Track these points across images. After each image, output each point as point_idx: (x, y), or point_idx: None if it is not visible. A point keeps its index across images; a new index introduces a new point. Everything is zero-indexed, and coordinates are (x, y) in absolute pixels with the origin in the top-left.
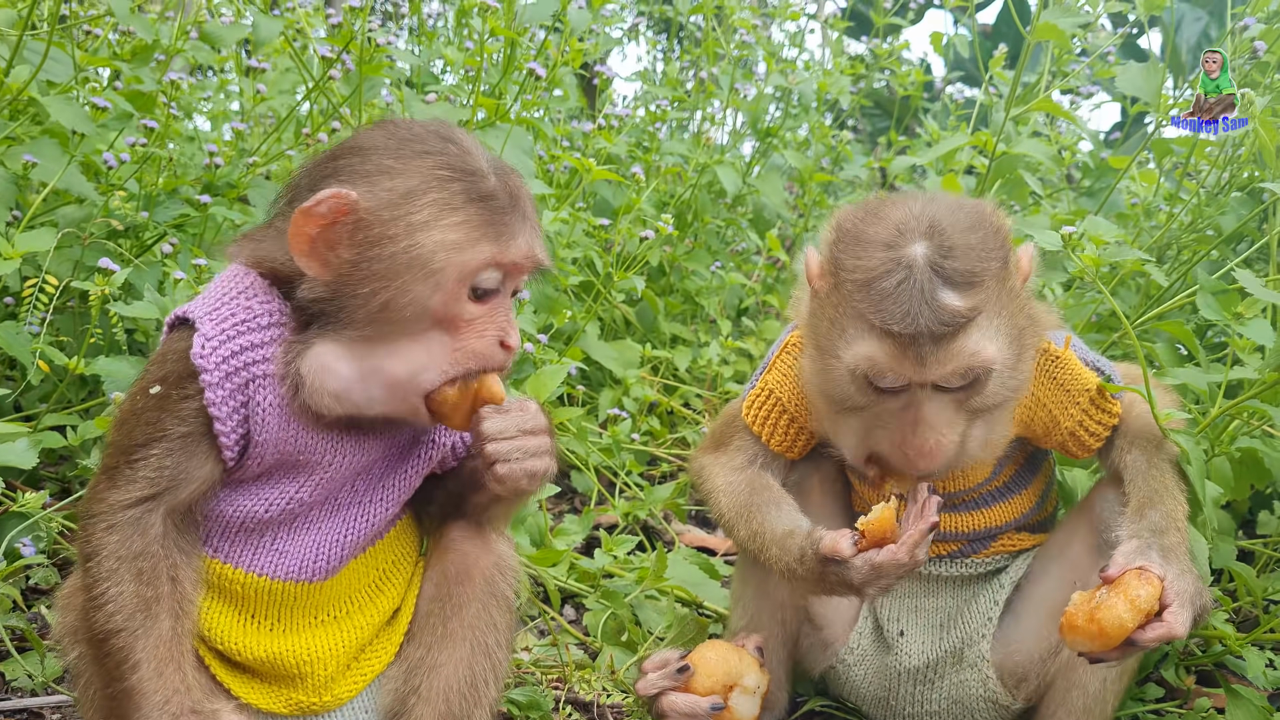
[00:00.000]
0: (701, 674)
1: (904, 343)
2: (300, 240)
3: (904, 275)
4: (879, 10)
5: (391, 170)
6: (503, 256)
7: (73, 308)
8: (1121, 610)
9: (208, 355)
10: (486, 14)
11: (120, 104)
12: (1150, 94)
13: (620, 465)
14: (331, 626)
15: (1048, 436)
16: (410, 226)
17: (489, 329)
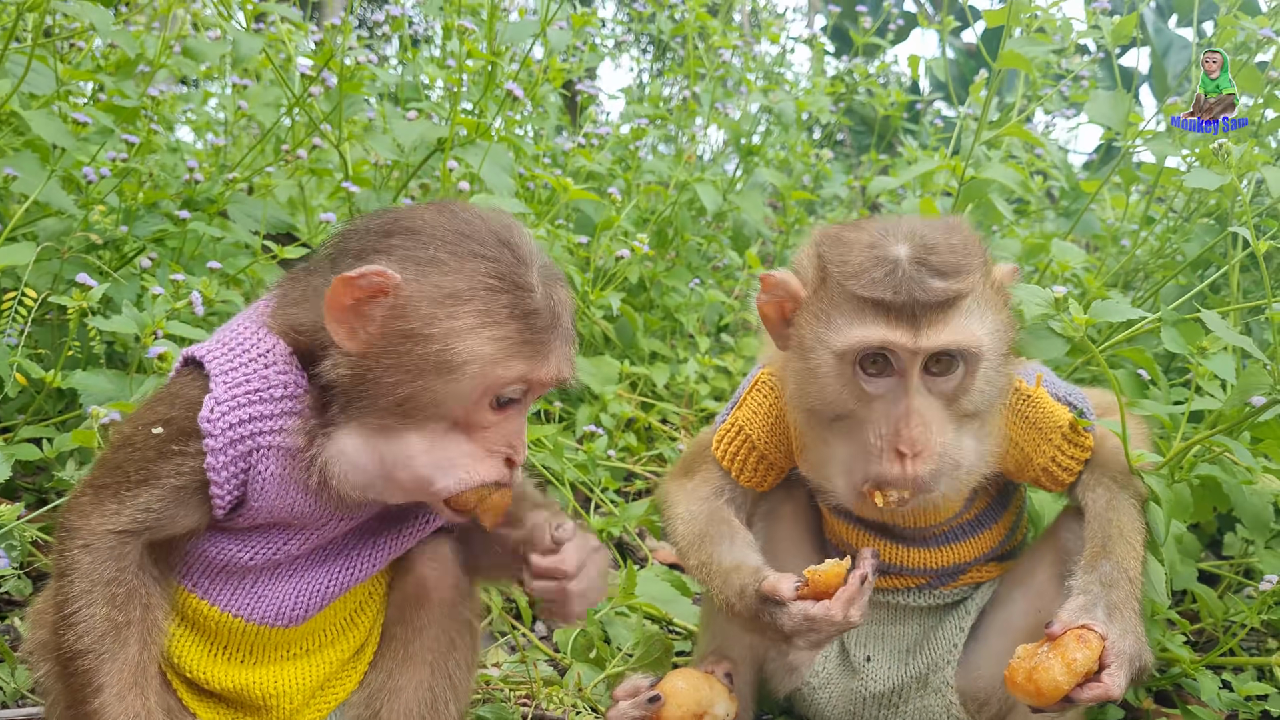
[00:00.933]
0: (672, 704)
1: (896, 312)
2: (336, 307)
3: (891, 266)
4: (860, 30)
5: (443, 265)
6: (533, 375)
7: (51, 320)
8: (1058, 673)
9: (215, 420)
10: (464, 36)
11: (101, 118)
12: (1118, 121)
13: (596, 481)
14: (302, 660)
15: (1020, 473)
16: (449, 331)
17: (499, 442)
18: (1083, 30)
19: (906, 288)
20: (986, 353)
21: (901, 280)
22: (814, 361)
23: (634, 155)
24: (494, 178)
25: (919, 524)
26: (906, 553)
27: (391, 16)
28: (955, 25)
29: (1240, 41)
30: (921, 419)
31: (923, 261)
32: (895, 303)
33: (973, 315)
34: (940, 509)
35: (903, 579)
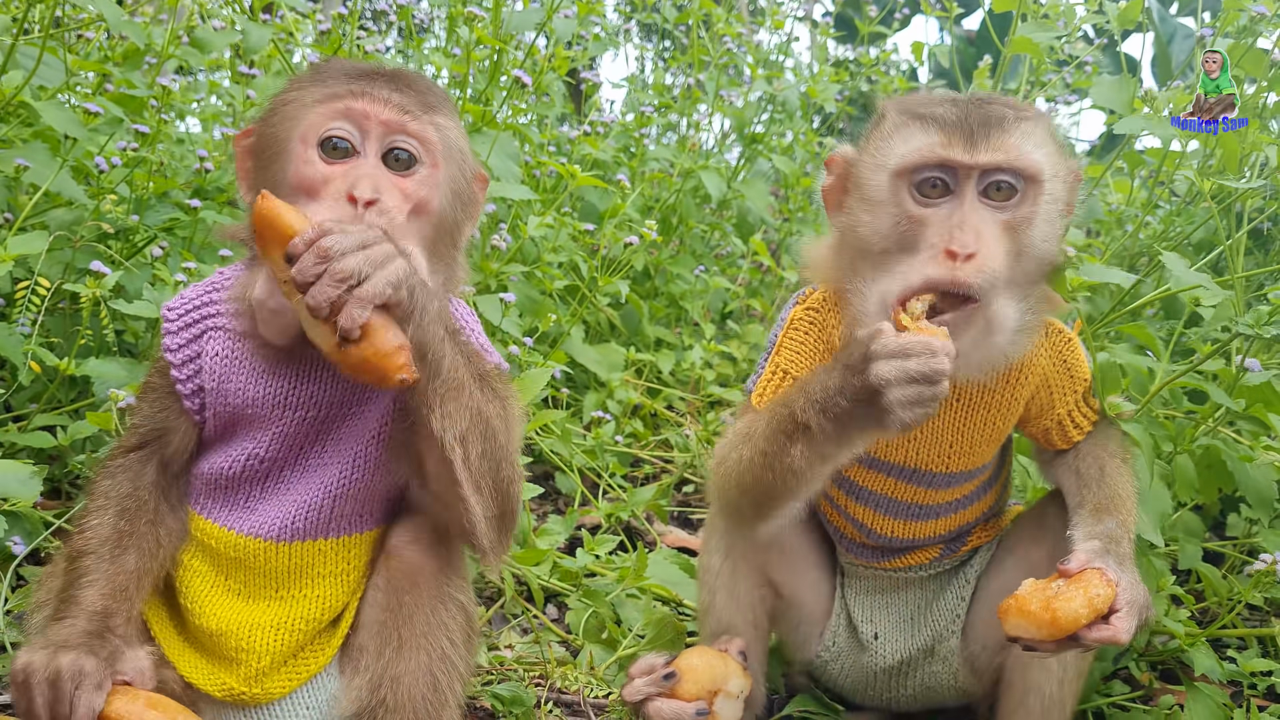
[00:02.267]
0: (687, 680)
1: (954, 127)
2: (239, 176)
3: (952, 95)
4: (864, 18)
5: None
6: (339, 106)
7: (64, 309)
8: (1079, 604)
9: (174, 308)
10: (472, 23)
11: (111, 108)
12: (1123, 106)
13: (604, 467)
14: (283, 605)
15: (1039, 418)
16: (275, 115)
17: (341, 186)
18: (1086, 15)
19: (966, 105)
20: (1046, 184)
21: (961, 100)
22: (870, 191)
23: (639, 143)
24: (501, 165)
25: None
26: (920, 525)
27: (398, 5)
28: (959, 12)
29: (1243, 25)
30: (976, 229)
31: (987, 101)
32: (953, 118)
33: (1039, 145)
34: (963, 458)
35: (916, 555)
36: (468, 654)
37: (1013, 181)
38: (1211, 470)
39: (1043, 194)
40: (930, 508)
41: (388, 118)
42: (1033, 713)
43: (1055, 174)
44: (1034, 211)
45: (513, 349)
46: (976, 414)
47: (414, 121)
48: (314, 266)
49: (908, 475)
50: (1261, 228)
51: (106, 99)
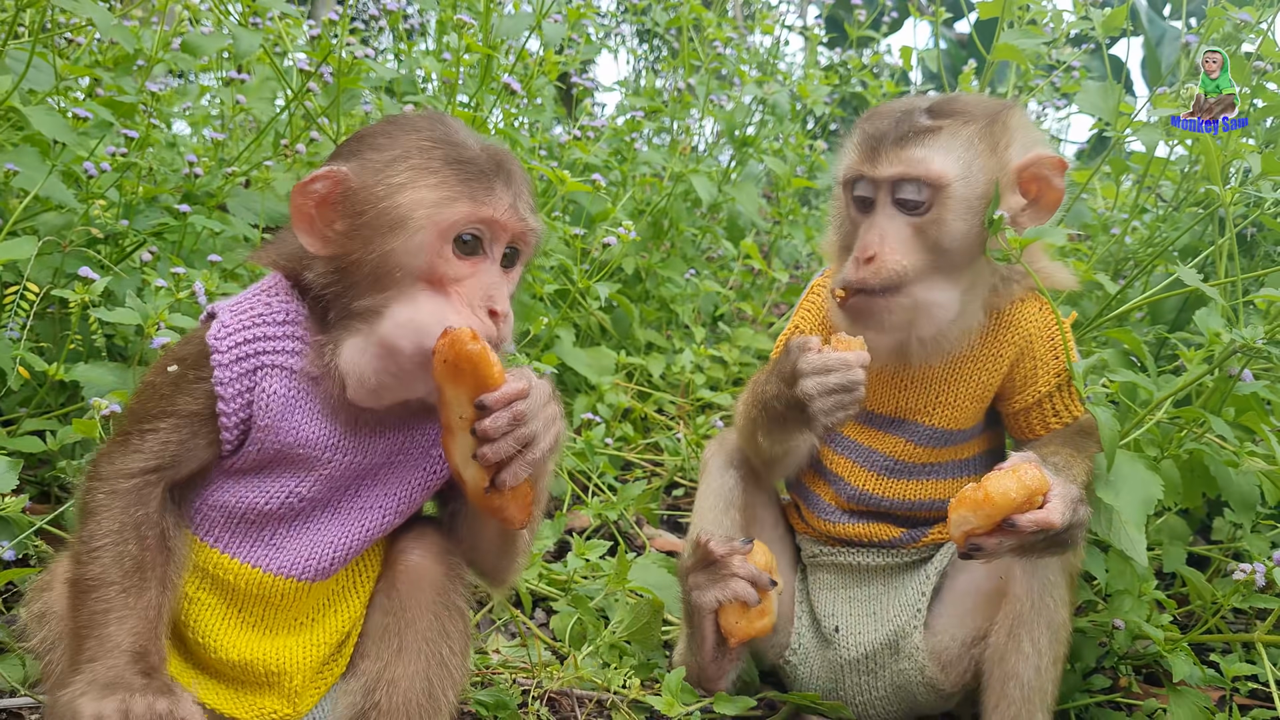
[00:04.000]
0: (758, 551)
1: (869, 142)
2: (300, 218)
3: (894, 103)
4: (854, 21)
5: (380, 145)
6: (481, 213)
7: (53, 314)
8: (1009, 482)
9: (222, 339)
10: (461, 30)
11: (100, 113)
12: (1108, 112)
13: (594, 469)
14: (307, 632)
15: (1020, 394)
16: (390, 188)
17: (476, 292)
18: (1074, 21)
19: (884, 122)
20: (953, 187)
21: (887, 118)
22: (835, 200)
23: (629, 147)
24: None
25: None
26: (896, 484)
27: (387, 10)
28: (948, 16)
29: (1228, 32)
30: (880, 233)
31: (925, 102)
32: (869, 132)
33: (941, 153)
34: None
35: (876, 527)
36: (464, 662)
37: (917, 190)
38: (1195, 475)
39: (952, 197)
40: (906, 466)
41: (515, 227)
42: (1014, 701)
43: (968, 176)
44: (944, 213)
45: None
46: (964, 367)
47: (532, 221)
48: (506, 425)
49: (894, 426)
50: (1246, 233)
51: (96, 103)
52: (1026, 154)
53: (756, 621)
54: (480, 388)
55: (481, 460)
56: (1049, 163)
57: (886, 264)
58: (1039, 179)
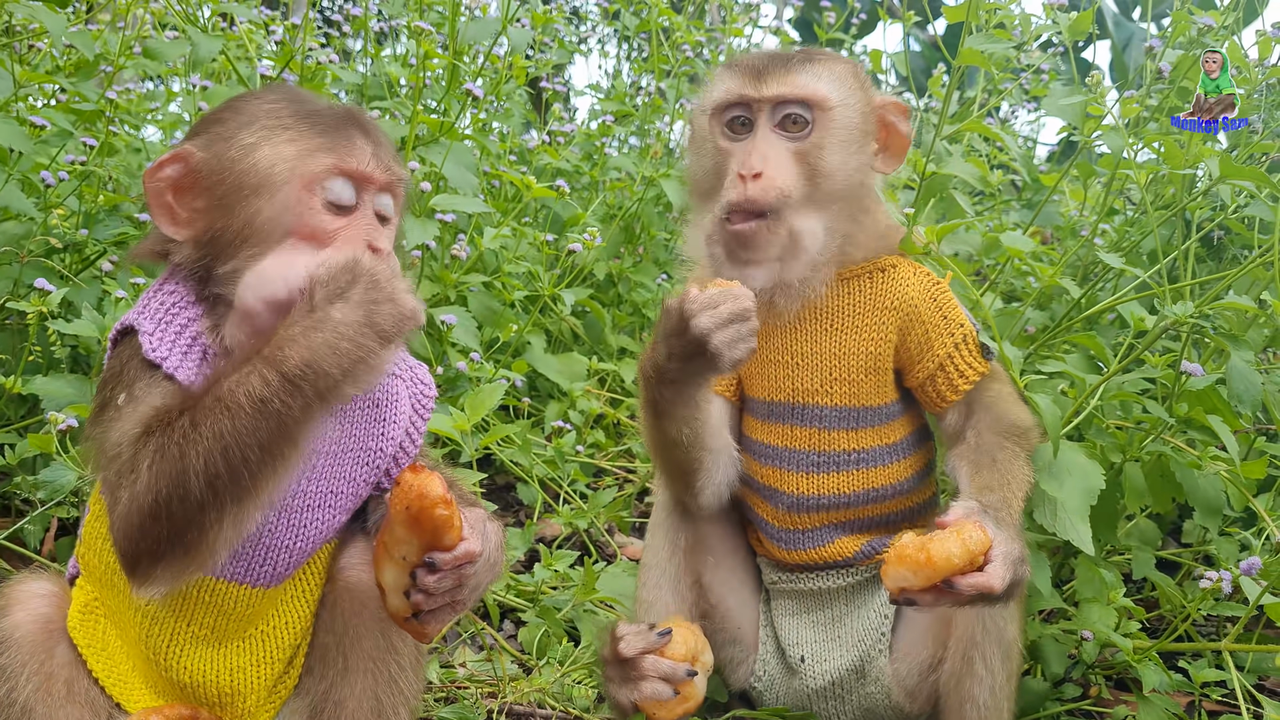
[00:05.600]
0: (678, 640)
1: (748, 68)
2: (157, 205)
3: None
4: (824, 24)
5: (224, 119)
6: (345, 164)
7: (11, 325)
8: (953, 546)
9: (160, 345)
10: (421, 38)
11: (59, 120)
12: (1074, 116)
13: (565, 477)
14: (259, 646)
15: (919, 363)
16: (244, 150)
17: (354, 237)
18: (1041, 25)
19: (766, 54)
20: (835, 111)
21: (767, 51)
22: (697, 134)
23: (600, 151)
24: (458, 176)
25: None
26: (824, 479)
27: (352, 16)
28: (916, 20)
29: (1194, 36)
30: (762, 153)
31: (794, 50)
32: (748, 62)
33: (824, 79)
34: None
35: (831, 547)
36: (415, 678)
37: (801, 112)
38: (1165, 479)
39: (833, 122)
40: (831, 456)
41: (382, 177)
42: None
43: (846, 103)
44: (825, 138)
45: (460, 365)
46: (848, 337)
47: (398, 169)
48: (449, 586)
49: (798, 414)
50: (1213, 236)
51: (56, 110)
52: (883, 97)
53: (678, 708)
54: (434, 546)
55: (413, 603)
56: (895, 108)
57: (774, 180)
58: (888, 125)
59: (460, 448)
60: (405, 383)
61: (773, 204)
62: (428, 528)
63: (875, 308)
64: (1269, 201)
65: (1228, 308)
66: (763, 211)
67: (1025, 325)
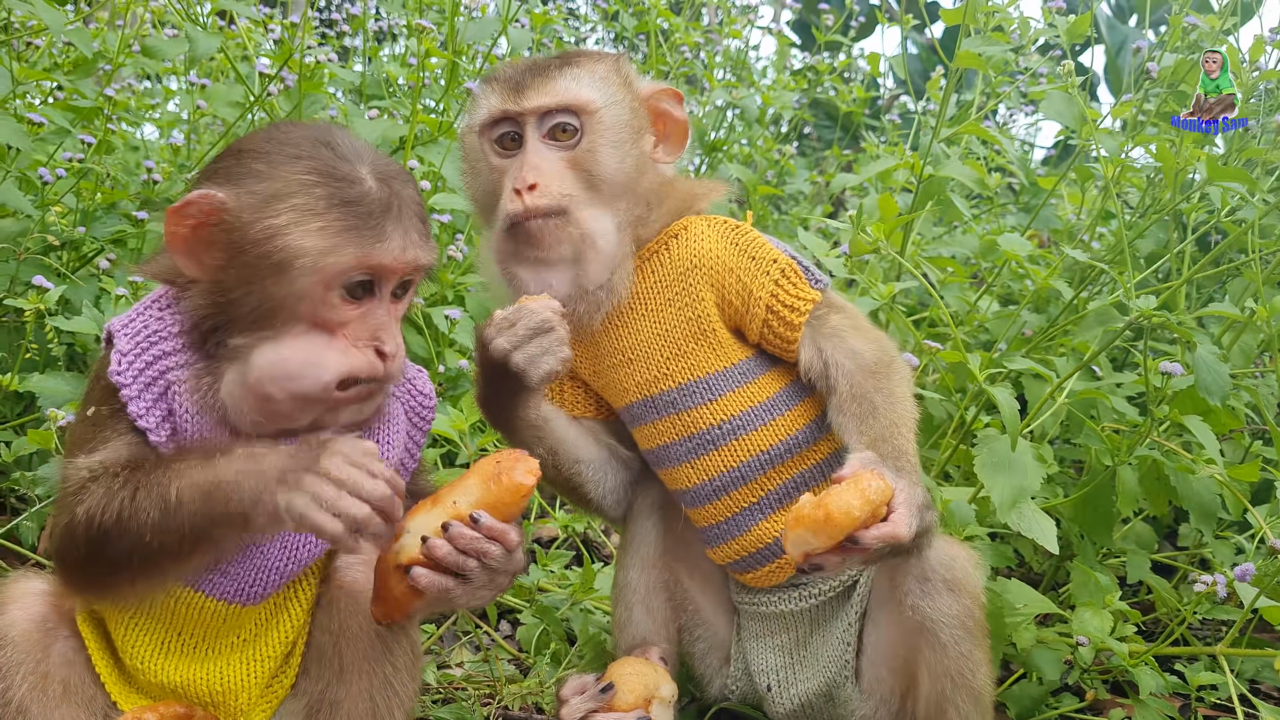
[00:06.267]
0: (623, 690)
1: (508, 82)
2: (174, 240)
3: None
4: (821, 26)
5: (260, 174)
6: (369, 260)
7: (8, 323)
8: (851, 498)
9: (124, 371)
10: (422, 36)
11: (57, 118)
12: (1072, 119)
13: None
14: (250, 647)
15: (749, 315)
16: (272, 231)
17: (362, 334)
18: (1039, 29)
19: (524, 65)
20: (601, 113)
21: (526, 61)
22: (468, 155)
23: None
24: (456, 176)
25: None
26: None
27: (351, 15)
28: (915, 22)
29: (1191, 40)
30: (534, 165)
31: (551, 58)
32: (507, 76)
33: (585, 83)
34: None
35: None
36: (411, 680)
37: (568, 120)
38: (1160, 483)
39: (601, 124)
40: (698, 436)
41: (405, 269)
42: None
43: (612, 103)
44: (596, 141)
45: (462, 363)
46: (665, 313)
47: (423, 257)
48: (471, 553)
49: (656, 407)
50: (1210, 240)
51: (54, 108)
52: (651, 87)
53: None
54: (494, 508)
55: (428, 549)
56: (667, 94)
57: (550, 188)
58: (662, 114)
59: (458, 448)
60: (401, 400)
61: (555, 206)
62: (506, 486)
63: (678, 274)
64: (1259, 204)
65: (1217, 315)
66: (548, 213)
67: (1023, 328)
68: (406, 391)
